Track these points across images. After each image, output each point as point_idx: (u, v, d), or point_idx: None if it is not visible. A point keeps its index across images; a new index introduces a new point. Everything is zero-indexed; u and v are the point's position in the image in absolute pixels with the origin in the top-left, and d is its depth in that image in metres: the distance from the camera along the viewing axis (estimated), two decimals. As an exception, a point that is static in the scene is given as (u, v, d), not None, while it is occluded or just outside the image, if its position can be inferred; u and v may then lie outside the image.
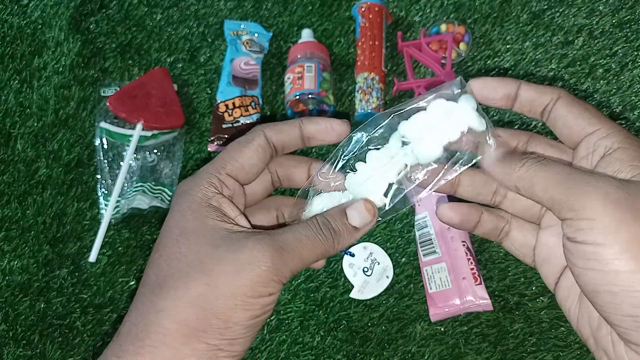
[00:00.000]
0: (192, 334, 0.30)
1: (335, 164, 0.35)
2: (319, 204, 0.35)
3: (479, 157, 0.32)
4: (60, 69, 0.63)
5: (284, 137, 0.36)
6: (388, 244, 0.56)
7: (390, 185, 0.33)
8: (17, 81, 0.63)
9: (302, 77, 0.58)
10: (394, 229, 0.56)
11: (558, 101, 0.32)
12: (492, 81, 0.32)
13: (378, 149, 0.34)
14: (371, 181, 0.34)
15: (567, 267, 0.32)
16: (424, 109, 0.32)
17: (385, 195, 0.34)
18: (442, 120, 0.32)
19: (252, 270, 0.31)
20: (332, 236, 0.34)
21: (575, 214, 0.28)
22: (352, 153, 0.34)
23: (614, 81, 0.59)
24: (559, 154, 0.34)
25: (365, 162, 0.33)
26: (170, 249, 0.32)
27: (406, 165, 0.33)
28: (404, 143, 0.33)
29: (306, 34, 0.63)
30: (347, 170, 0.35)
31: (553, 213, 0.29)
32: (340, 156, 0.35)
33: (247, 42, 0.63)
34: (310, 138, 0.36)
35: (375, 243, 0.56)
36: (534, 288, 0.53)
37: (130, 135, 0.59)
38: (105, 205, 0.58)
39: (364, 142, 0.33)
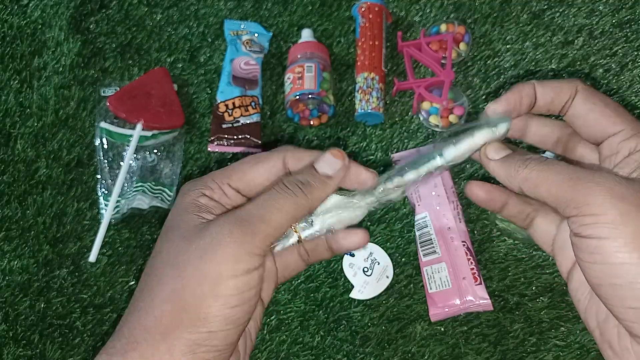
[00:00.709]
0: (168, 330, 0.29)
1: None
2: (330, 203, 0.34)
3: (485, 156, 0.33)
4: (60, 69, 0.63)
5: (301, 164, 0.34)
6: (388, 244, 0.56)
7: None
8: (17, 81, 0.63)
9: (302, 77, 0.58)
10: (394, 229, 0.56)
11: (576, 98, 0.32)
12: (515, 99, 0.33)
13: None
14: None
15: None
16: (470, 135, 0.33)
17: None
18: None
19: (216, 251, 0.29)
20: (300, 189, 0.32)
21: (579, 211, 0.28)
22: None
23: (614, 81, 0.59)
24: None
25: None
26: (157, 248, 0.32)
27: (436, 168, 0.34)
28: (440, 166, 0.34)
29: (306, 34, 0.63)
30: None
31: (559, 212, 0.29)
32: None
33: (247, 42, 0.63)
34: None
35: (375, 243, 0.56)
36: (534, 288, 0.53)
37: (130, 135, 0.59)
38: (105, 205, 0.58)
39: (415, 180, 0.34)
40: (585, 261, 0.28)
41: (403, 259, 0.55)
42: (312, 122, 0.60)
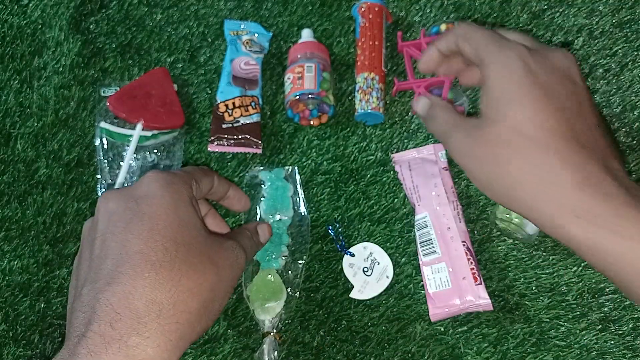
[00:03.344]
0: (205, 313, 0.36)
1: None
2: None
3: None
4: (60, 69, 0.63)
5: (220, 187, 0.48)
6: (388, 244, 0.56)
7: None
8: (17, 81, 0.63)
9: (302, 77, 0.58)
10: (394, 229, 0.56)
11: (456, 32, 0.42)
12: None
13: None
14: None
15: None
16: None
17: None
18: None
19: (238, 268, 0.41)
20: (255, 248, 0.48)
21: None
22: None
23: (614, 81, 0.59)
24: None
25: None
26: (173, 234, 0.36)
27: None
28: None
29: (306, 34, 0.63)
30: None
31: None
32: None
33: (247, 42, 0.63)
34: (227, 199, 0.50)
35: (375, 243, 0.56)
36: (534, 288, 0.53)
37: (130, 135, 0.59)
38: (105, 205, 0.58)
39: None
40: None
41: (403, 259, 0.55)
42: (312, 122, 0.60)
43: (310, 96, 0.58)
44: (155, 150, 0.60)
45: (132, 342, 0.31)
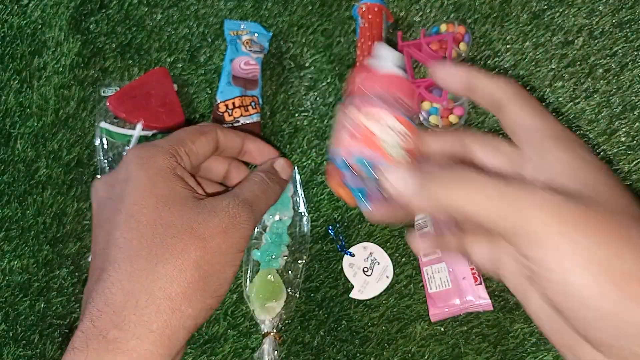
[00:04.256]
0: (194, 295, 0.33)
1: None
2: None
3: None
4: (60, 69, 0.63)
5: (228, 143, 0.42)
6: (388, 244, 0.56)
7: None
8: (17, 81, 0.63)
9: (372, 136, 0.32)
10: (394, 229, 0.56)
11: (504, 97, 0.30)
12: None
13: None
14: None
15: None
16: None
17: None
18: None
19: (238, 230, 0.35)
20: (277, 187, 0.41)
21: (522, 241, 0.25)
22: None
23: (614, 81, 0.59)
24: (507, 160, 0.31)
25: None
26: (150, 216, 0.34)
27: None
28: None
29: (390, 57, 0.35)
30: None
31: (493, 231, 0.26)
32: None
33: (247, 42, 0.63)
34: (246, 153, 0.44)
35: (375, 243, 0.56)
36: (534, 288, 0.53)
37: (130, 135, 0.59)
38: (105, 205, 0.58)
39: None
40: (550, 298, 0.25)
41: (403, 259, 0.55)
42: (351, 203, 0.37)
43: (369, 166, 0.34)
44: (155, 150, 0.60)
45: (111, 336, 0.30)
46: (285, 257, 0.55)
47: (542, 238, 0.24)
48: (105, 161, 0.59)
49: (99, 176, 0.59)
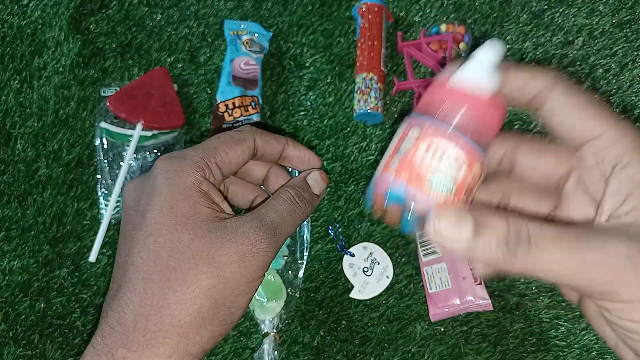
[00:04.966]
0: (203, 324, 0.32)
1: None
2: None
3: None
4: (60, 69, 0.63)
5: (267, 150, 0.39)
6: (388, 244, 0.56)
7: None
8: (17, 81, 0.63)
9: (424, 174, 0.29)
10: (394, 229, 0.56)
11: (554, 90, 0.28)
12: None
13: None
14: None
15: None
16: None
17: None
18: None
19: (255, 259, 0.33)
20: (308, 205, 0.37)
21: (605, 297, 0.25)
22: None
23: (614, 81, 0.59)
24: (555, 162, 0.30)
25: None
26: (168, 237, 0.33)
27: None
28: None
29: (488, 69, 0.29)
30: None
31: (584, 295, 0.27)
32: None
33: (247, 42, 0.63)
34: (286, 158, 0.40)
35: (375, 243, 0.56)
36: (534, 288, 0.53)
37: (130, 135, 0.59)
38: (105, 205, 0.58)
39: None
40: (626, 339, 0.26)
41: (403, 259, 0.55)
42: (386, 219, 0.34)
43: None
44: (155, 150, 0.60)
45: (119, 354, 0.31)
46: (285, 257, 0.55)
47: (618, 291, 0.24)
48: (105, 161, 0.59)
49: (98, 176, 0.59)
